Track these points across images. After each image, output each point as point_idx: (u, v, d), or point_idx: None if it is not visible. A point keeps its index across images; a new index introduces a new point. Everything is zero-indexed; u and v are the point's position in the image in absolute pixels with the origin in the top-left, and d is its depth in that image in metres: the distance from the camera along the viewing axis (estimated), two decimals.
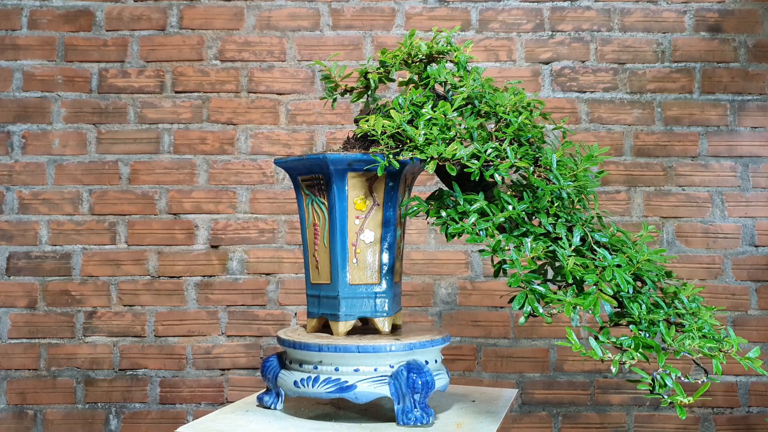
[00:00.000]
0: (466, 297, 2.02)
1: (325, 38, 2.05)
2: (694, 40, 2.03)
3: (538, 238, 1.13)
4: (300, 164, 1.32)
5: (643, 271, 1.14)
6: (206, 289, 2.04)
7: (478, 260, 2.02)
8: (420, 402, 1.20)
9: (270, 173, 2.05)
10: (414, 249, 2.02)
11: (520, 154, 1.20)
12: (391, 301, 1.34)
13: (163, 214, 2.04)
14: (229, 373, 2.03)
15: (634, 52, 2.03)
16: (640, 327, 1.09)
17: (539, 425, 2.00)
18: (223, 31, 2.05)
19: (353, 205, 1.31)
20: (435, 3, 2.05)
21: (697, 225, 2.01)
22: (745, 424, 1.99)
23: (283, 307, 2.04)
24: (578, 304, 1.04)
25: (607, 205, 2.01)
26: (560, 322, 1.94)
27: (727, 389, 1.99)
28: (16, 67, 2.06)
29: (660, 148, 2.02)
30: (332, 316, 1.32)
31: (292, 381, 1.28)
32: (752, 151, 2.02)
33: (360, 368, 1.24)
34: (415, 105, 1.26)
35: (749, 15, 2.03)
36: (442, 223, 1.15)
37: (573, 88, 2.04)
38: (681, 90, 2.03)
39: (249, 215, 2.05)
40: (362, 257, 1.32)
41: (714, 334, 1.10)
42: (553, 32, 2.04)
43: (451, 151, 1.17)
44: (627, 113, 2.03)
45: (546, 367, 2.01)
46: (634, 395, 1.99)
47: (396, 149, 1.22)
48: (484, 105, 1.27)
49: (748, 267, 2.00)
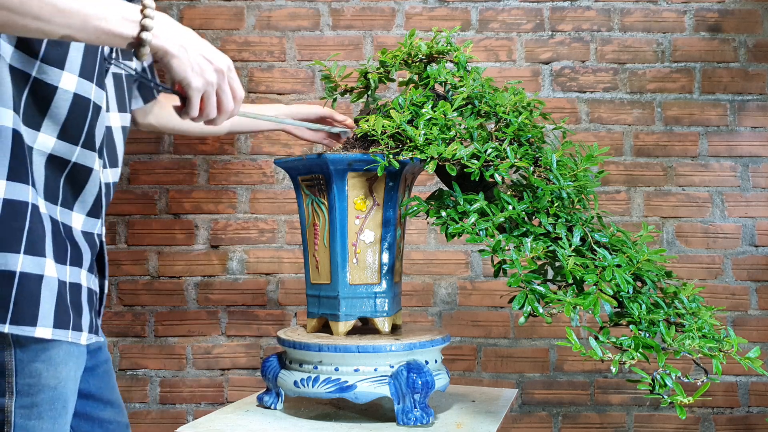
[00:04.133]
0: (466, 297, 2.02)
1: (325, 38, 2.05)
2: (694, 40, 2.03)
3: (538, 238, 1.13)
4: (300, 164, 1.32)
5: (643, 271, 1.14)
6: (206, 289, 2.04)
7: (478, 260, 2.02)
8: (420, 402, 1.20)
9: (270, 173, 2.05)
10: (414, 249, 2.02)
11: (520, 154, 1.20)
12: (391, 301, 1.34)
13: (163, 214, 2.04)
14: (229, 373, 2.03)
15: (634, 52, 2.03)
16: (640, 327, 1.09)
17: (539, 425, 2.01)
18: (223, 31, 2.05)
19: (353, 205, 1.31)
20: (435, 3, 2.05)
21: (697, 225, 2.01)
22: (745, 424, 1.99)
23: (283, 307, 2.04)
24: (578, 304, 1.04)
25: (607, 205, 2.01)
26: (560, 322, 1.94)
27: (727, 389, 1.99)
28: None
29: (660, 148, 2.02)
30: (332, 316, 1.32)
31: (292, 381, 1.28)
32: (752, 151, 2.02)
33: (360, 368, 1.24)
34: (415, 105, 1.26)
35: (749, 15, 2.03)
36: (442, 223, 1.15)
37: (573, 88, 2.04)
38: (681, 90, 2.03)
39: (249, 215, 2.05)
40: (362, 257, 1.32)
41: (714, 334, 1.10)
42: (553, 32, 2.04)
43: (451, 151, 1.17)
44: (627, 113, 2.03)
45: (546, 367, 2.01)
46: (634, 395, 1.99)
47: (396, 149, 1.22)
48: (484, 105, 1.27)
49: (748, 267, 2.00)
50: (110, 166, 1.14)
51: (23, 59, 0.97)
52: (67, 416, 1.06)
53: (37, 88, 0.99)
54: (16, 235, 0.97)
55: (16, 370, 1.00)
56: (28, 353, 1.00)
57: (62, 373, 1.03)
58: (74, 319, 1.04)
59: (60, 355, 1.03)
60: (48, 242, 1.01)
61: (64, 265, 1.04)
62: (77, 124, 1.03)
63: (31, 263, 0.98)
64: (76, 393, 1.09)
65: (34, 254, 0.99)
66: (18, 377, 1.00)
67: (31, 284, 0.98)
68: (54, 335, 1.00)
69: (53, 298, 1.01)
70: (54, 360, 1.02)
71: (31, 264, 0.98)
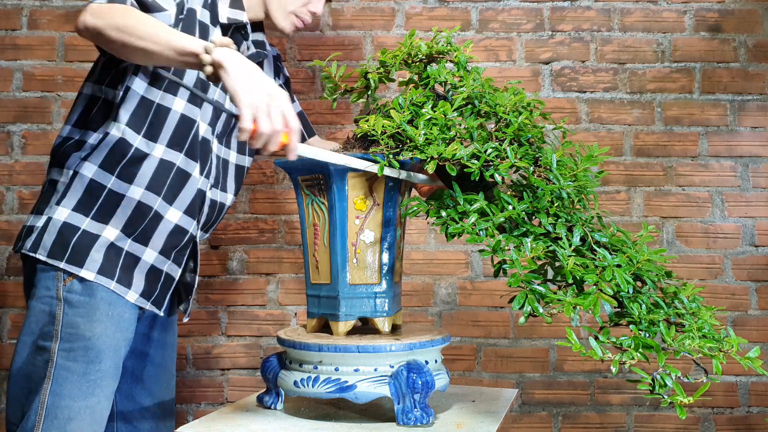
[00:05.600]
0: (466, 297, 2.02)
1: (325, 38, 2.05)
2: (694, 40, 2.03)
3: (538, 238, 1.13)
4: (300, 164, 1.32)
5: (643, 271, 1.14)
6: (206, 289, 2.04)
7: (478, 260, 2.02)
8: (420, 402, 1.20)
9: (270, 173, 2.05)
10: (414, 249, 2.02)
11: (520, 154, 1.20)
12: (391, 301, 1.34)
13: None
14: (229, 373, 2.04)
15: (634, 52, 2.03)
16: (640, 327, 1.09)
17: (539, 425, 2.01)
18: None
19: (353, 205, 1.31)
20: (435, 3, 2.05)
21: (697, 225, 2.01)
22: (745, 424, 1.99)
23: (283, 307, 2.04)
24: (578, 304, 1.05)
25: (607, 205, 2.01)
26: (560, 322, 1.94)
27: (727, 389, 1.99)
28: (16, 67, 2.06)
29: (660, 148, 2.02)
30: (332, 316, 1.32)
31: (292, 381, 1.28)
32: (752, 151, 2.02)
33: (360, 368, 1.24)
34: (415, 105, 1.26)
35: (749, 15, 2.03)
36: (442, 223, 1.15)
37: (573, 88, 2.04)
38: (681, 90, 2.03)
39: (249, 215, 2.05)
40: (362, 257, 1.32)
41: (714, 334, 1.10)
42: (553, 32, 2.04)
43: (451, 151, 1.17)
44: (627, 113, 2.03)
45: (546, 367, 2.01)
46: (634, 395, 2.00)
47: (396, 149, 1.22)
48: (484, 105, 1.27)
49: (748, 267, 2.00)
50: (220, 190, 1.47)
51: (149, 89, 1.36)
52: (101, 365, 1.33)
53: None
54: (89, 204, 1.35)
55: (63, 321, 1.32)
56: (72, 308, 1.32)
57: (97, 328, 1.33)
58: (120, 275, 1.35)
59: (97, 314, 1.33)
60: (117, 216, 1.35)
61: (128, 237, 1.37)
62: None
63: (91, 225, 1.34)
64: (117, 349, 1.36)
65: (97, 220, 1.35)
66: (63, 327, 1.32)
67: (86, 239, 1.34)
68: (96, 279, 1.33)
69: (102, 254, 1.34)
70: (91, 317, 1.33)
71: (92, 226, 1.34)
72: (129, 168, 1.35)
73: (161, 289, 1.43)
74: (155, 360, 1.53)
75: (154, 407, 1.52)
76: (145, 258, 1.39)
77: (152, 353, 1.53)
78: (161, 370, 1.54)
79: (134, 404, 1.50)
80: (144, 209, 1.36)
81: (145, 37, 1.19)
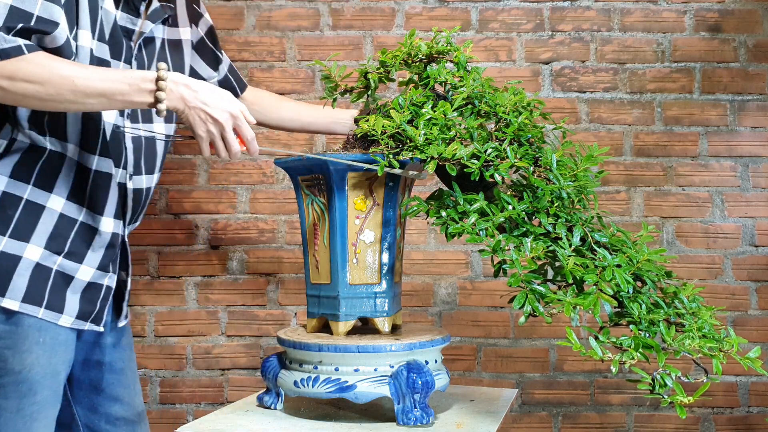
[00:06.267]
0: (466, 297, 2.02)
1: (325, 38, 2.05)
2: (694, 40, 2.03)
3: (538, 238, 1.13)
4: (300, 164, 1.32)
5: (643, 271, 1.14)
6: (206, 289, 2.04)
7: (478, 260, 2.02)
8: (420, 402, 1.20)
9: (270, 173, 2.05)
10: (414, 249, 2.02)
11: (520, 154, 1.20)
12: (391, 301, 1.34)
13: (163, 214, 2.04)
14: (229, 373, 2.03)
15: (634, 52, 2.03)
16: (640, 327, 1.09)
17: (539, 425, 2.01)
18: (223, 30, 2.04)
19: (353, 205, 1.31)
20: (435, 3, 2.05)
21: (697, 225, 2.01)
22: (745, 424, 1.99)
23: (283, 307, 2.04)
24: (578, 304, 1.05)
25: (607, 205, 2.01)
26: (560, 322, 1.94)
27: (727, 389, 1.99)
28: None
29: (660, 148, 2.02)
30: (332, 316, 1.32)
31: (292, 381, 1.28)
32: (752, 151, 2.02)
33: (360, 368, 1.24)
34: (415, 105, 1.26)
35: (749, 15, 2.03)
36: (442, 223, 1.15)
37: (573, 88, 2.04)
38: (681, 90, 2.03)
39: (249, 215, 2.05)
40: (362, 257, 1.32)
41: (714, 334, 1.10)
42: (553, 32, 2.04)
43: (451, 151, 1.17)
44: (627, 113, 2.03)
45: (546, 367, 2.01)
46: (634, 395, 1.99)
47: (396, 149, 1.22)
48: (484, 105, 1.27)
49: (748, 267, 2.00)
50: (144, 174, 1.36)
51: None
52: (35, 397, 1.21)
53: None
54: (4, 220, 1.20)
55: None
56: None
57: (27, 360, 1.20)
58: (50, 299, 1.21)
59: (26, 344, 1.20)
60: (38, 230, 1.21)
61: (56, 254, 1.22)
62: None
63: (9, 245, 1.19)
64: (55, 375, 1.24)
65: (16, 238, 1.19)
66: None
67: (6, 263, 1.18)
68: (21, 308, 1.19)
69: (27, 278, 1.19)
70: (19, 348, 1.19)
71: (11, 246, 1.19)
72: (47, 173, 1.22)
73: (101, 304, 1.31)
74: (114, 366, 1.42)
75: (124, 412, 1.43)
76: (80, 276, 1.26)
77: (108, 360, 1.41)
78: (121, 374, 1.43)
79: (100, 415, 1.40)
80: (68, 221, 1.23)
81: (78, 99, 1.12)
